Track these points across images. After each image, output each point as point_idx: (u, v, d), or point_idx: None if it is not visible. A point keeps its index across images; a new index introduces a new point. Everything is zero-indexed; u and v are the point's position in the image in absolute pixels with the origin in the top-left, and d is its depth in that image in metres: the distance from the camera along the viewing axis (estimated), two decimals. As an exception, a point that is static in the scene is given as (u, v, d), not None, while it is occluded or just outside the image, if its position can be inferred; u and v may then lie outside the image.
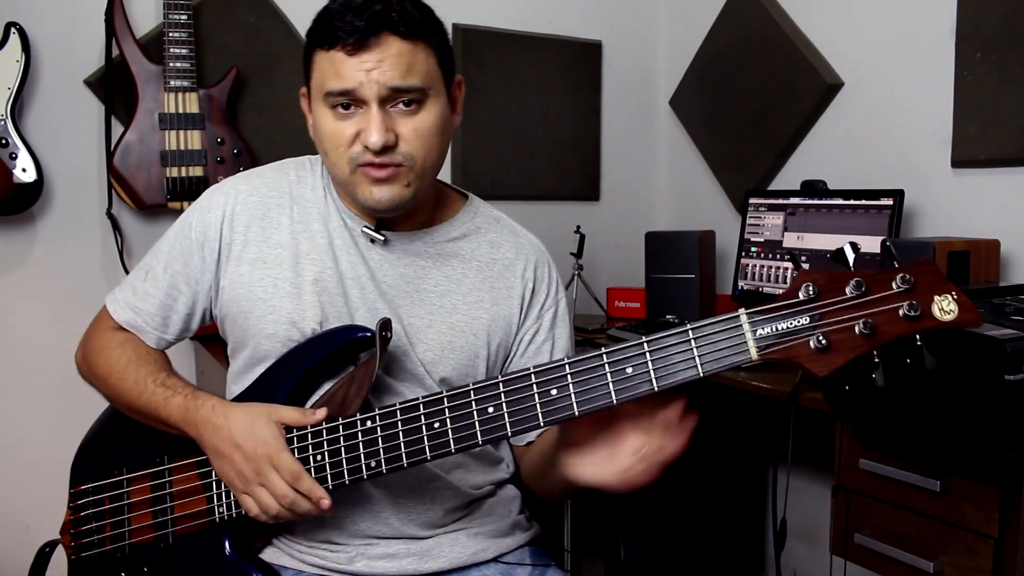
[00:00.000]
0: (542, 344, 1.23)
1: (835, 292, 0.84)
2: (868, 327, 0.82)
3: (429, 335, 1.15)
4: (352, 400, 1.06)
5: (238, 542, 1.10)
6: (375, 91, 1.04)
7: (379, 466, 1.00)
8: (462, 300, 1.18)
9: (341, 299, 1.14)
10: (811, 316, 0.84)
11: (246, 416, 1.04)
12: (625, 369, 0.90)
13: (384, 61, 1.04)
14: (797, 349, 0.84)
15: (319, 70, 1.07)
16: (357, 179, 1.08)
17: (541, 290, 1.24)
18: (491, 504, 1.22)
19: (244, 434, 1.03)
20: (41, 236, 2.10)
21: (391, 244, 1.16)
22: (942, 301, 0.82)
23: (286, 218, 1.17)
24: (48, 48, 2.05)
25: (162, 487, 1.13)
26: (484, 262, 1.21)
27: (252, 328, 1.14)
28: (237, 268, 1.15)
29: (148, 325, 1.19)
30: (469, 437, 0.96)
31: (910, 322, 0.82)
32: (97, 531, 1.16)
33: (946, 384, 1.20)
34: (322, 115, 1.08)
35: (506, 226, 1.27)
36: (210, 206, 1.17)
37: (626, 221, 2.85)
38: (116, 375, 1.17)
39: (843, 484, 1.48)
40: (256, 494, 1.02)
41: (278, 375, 1.12)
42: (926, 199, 2.02)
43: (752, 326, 0.86)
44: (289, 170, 1.21)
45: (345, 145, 1.07)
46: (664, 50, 2.88)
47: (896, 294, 0.83)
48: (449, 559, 1.16)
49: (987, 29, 1.85)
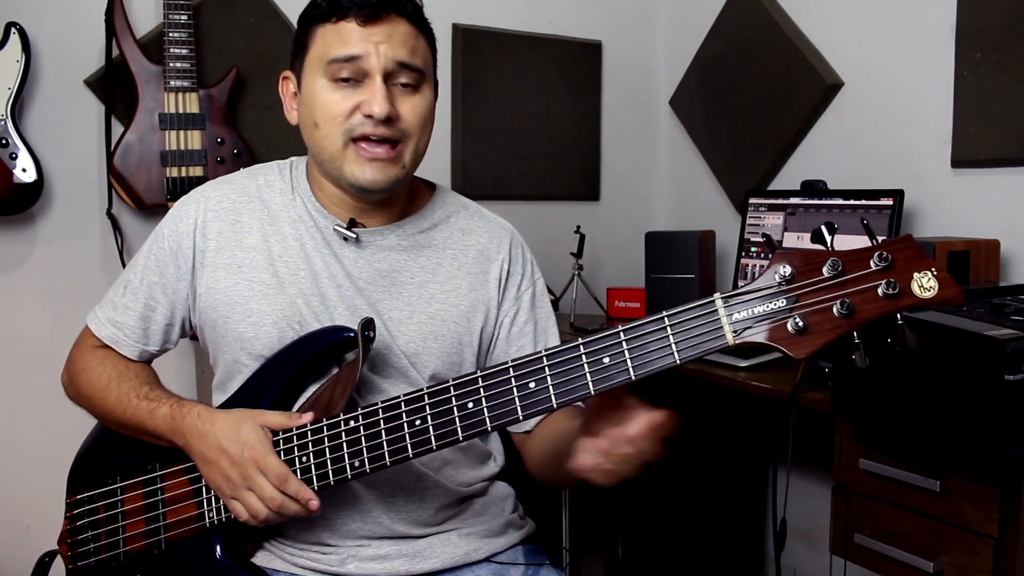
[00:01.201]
0: (524, 326, 1.23)
1: (811, 273, 0.82)
2: (846, 307, 0.80)
3: (410, 327, 1.15)
4: (337, 401, 1.06)
5: (229, 547, 1.10)
6: (382, 63, 1.06)
7: (363, 465, 1.00)
8: (439, 289, 1.18)
9: (318, 299, 1.13)
10: (787, 298, 0.82)
11: (231, 421, 1.05)
12: (602, 359, 0.88)
13: (393, 37, 1.07)
14: (774, 332, 0.83)
15: (321, 42, 1.09)
16: (348, 155, 1.09)
17: (516, 271, 1.25)
18: (484, 503, 1.22)
19: (230, 439, 1.03)
20: (41, 236, 2.10)
21: (363, 240, 1.17)
22: (922, 278, 0.80)
23: (257, 221, 1.17)
24: (48, 48, 2.05)
25: (154, 494, 1.13)
26: (458, 249, 1.22)
27: (231, 333, 1.14)
28: (213, 274, 1.15)
29: (129, 338, 1.20)
30: (450, 433, 0.96)
31: (889, 300, 0.80)
32: (93, 540, 1.16)
33: (936, 373, 1.20)
34: (318, 86, 1.09)
35: (475, 212, 1.28)
36: (181, 215, 1.18)
37: (626, 221, 2.85)
38: (99, 394, 1.17)
39: (843, 484, 1.48)
40: (244, 498, 1.02)
41: (264, 380, 1.12)
42: (926, 199, 2.02)
43: (728, 310, 0.84)
44: (258, 175, 1.22)
45: (342, 116, 1.07)
46: (664, 50, 2.88)
47: (874, 272, 0.80)
48: (441, 559, 1.15)
49: (987, 29, 1.85)
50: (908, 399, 1.26)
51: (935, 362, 1.21)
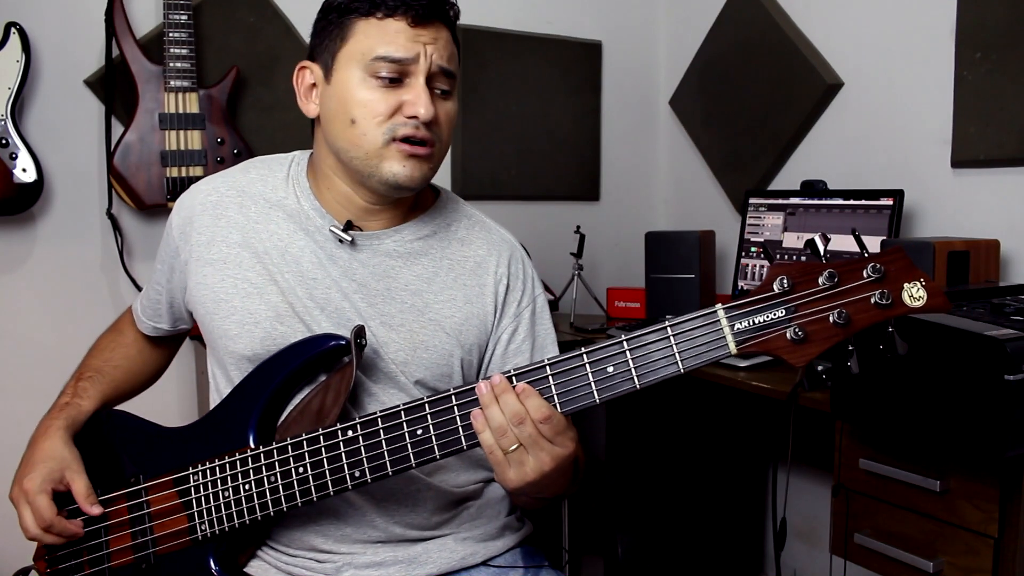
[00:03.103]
0: (521, 343, 1.20)
1: (809, 284, 0.86)
2: (842, 317, 0.84)
3: (401, 335, 1.13)
4: (330, 409, 1.06)
5: (223, 559, 1.08)
6: (427, 66, 1.06)
7: (364, 476, 0.99)
8: (433, 299, 1.15)
9: (305, 300, 1.12)
10: (787, 308, 0.86)
11: (47, 450, 1.15)
12: (606, 368, 0.90)
13: (438, 41, 1.08)
14: (774, 341, 0.86)
15: (364, 36, 1.07)
16: (390, 152, 1.07)
17: (516, 287, 1.21)
18: (479, 507, 1.21)
19: (35, 459, 1.14)
20: (41, 236, 2.10)
21: (359, 244, 1.15)
22: (912, 288, 0.84)
23: (241, 216, 1.16)
24: (48, 48, 2.05)
25: (140, 507, 1.11)
26: (456, 260, 1.19)
27: (217, 329, 1.14)
28: (201, 269, 1.16)
29: (144, 315, 1.31)
30: (454, 442, 0.96)
31: (882, 310, 0.84)
32: (74, 555, 1.14)
33: (936, 373, 1.21)
34: (356, 82, 1.07)
35: (478, 222, 1.24)
36: (179, 207, 1.21)
37: (626, 221, 2.85)
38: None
39: (843, 484, 1.48)
40: (22, 513, 1.12)
41: (254, 385, 1.10)
42: (926, 199, 2.02)
43: (730, 320, 0.87)
44: (251, 168, 1.22)
45: (384, 115, 1.06)
46: (664, 50, 2.88)
47: (867, 283, 0.85)
48: (438, 565, 1.14)
49: (987, 29, 1.85)
50: (908, 399, 1.26)
51: (935, 362, 1.21)
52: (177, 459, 1.10)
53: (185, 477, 1.08)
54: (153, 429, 1.17)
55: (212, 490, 1.07)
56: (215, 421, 1.13)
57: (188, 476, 1.08)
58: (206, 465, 1.08)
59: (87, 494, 1.12)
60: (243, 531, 1.07)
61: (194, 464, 1.09)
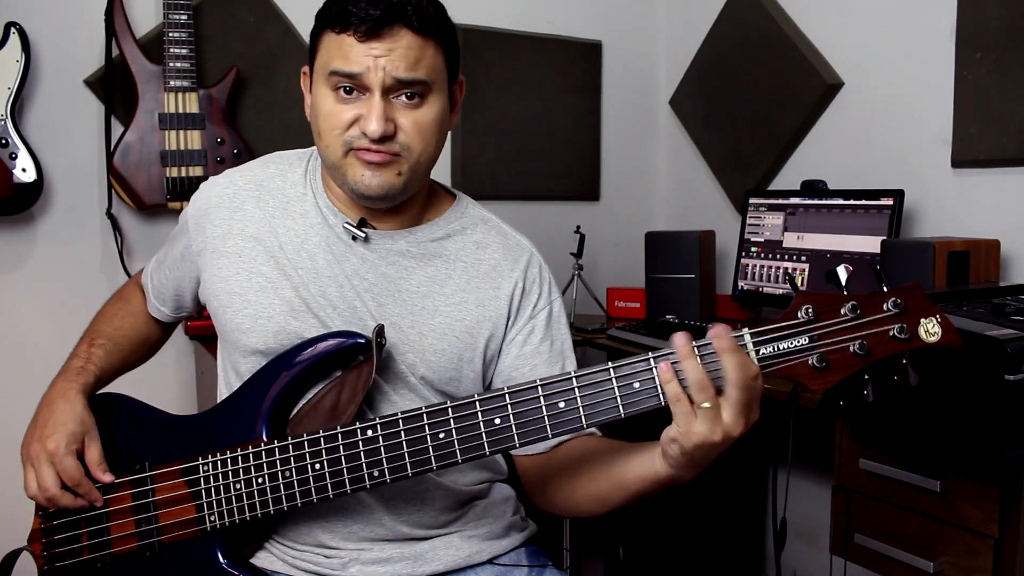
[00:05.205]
0: (539, 345, 1.19)
1: (832, 314, 0.90)
2: (862, 347, 0.88)
3: (410, 336, 1.13)
4: (345, 407, 1.06)
5: (230, 550, 1.08)
6: (380, 79, 1.04)
7: (383, 476, 0.99)
8: (445, 302, 1.15)
9: (318, 296, 1.12)
10: (810, 336, 0.90)
11: (72, 414, 1.13)
12: (632, 384, 0.92)
13: (393, 51, 1.04)
14: (796, 367, 0.90)
15: (325, 50, 1.07)
16: (349, 161, 1.08)
17: (532, 291, 1.21)
18: (486, 506, 1.21)
19: (57, 421, 1.12)
20: (41, 236, 2.10)
21: (373, 242, 1.15)
22: (928, 324, 0.89)
23: (258, 211, 1.16)
24: (48, 48, 2.05)
25: (145, 495, 1.11)
26: (469, 263, 1.18)
27: (230, 322, 1.14)
28: (215, 261, 1.16)
29: (150, 295, 1.33)
30: (476, 448, 0.97)
31: (899, 343, 0.88)
32: (72, 540, 1.13)
33: (931, 399, 1.23)
34: (322, 95, 1.08)
35: (494, 227, 1.24)
36: (196, 198, 1.22)
37: (626, 221, 2.85)
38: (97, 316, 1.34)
39: (843, 484, 1.48)
40: (27, 474, 1.13)
41: (267, 379, 1.10)
42: (926, 199, 2.02)
43: (755, 345, 0.90)
44: (270, 163, 1.22)
45: (341, 128, 1.06)
46: (664, 50, 2.88)
47: (887, 317, 0.89)
48: (443, 562, 1.15)
49: (987, 29, 1.85)
50: (908, 399, 1.26)
51: (935, 362, 1.21)
52: (184, 448, 1.10)
53: (194, 467, 1.08)
54: (159, 417, 1.17)
55: (223, 481, 1.07)
56: (225, 413, 1.13)
57: (197, 467, 1.08)
58: (216, 456, 1.07)
59: (99, 461, 1.11)
60: (252, 524, 1.07)
61: (203, 455, 1.08)
